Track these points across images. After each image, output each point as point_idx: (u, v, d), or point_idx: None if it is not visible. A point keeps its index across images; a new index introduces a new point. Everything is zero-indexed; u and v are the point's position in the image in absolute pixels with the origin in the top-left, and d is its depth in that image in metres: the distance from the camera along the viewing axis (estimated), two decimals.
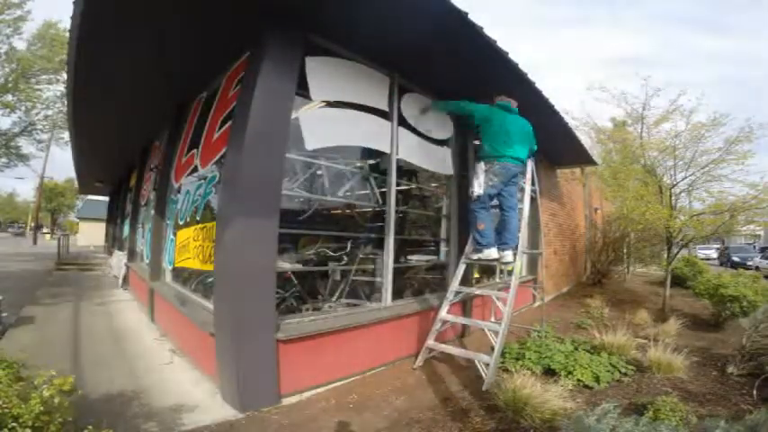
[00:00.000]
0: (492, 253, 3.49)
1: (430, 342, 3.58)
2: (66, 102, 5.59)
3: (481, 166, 3.54)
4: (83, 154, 8.65)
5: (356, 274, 4.24)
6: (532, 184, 4.20)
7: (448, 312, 3.68)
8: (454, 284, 3.75)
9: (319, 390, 2.96)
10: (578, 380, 3.16)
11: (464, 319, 4.05)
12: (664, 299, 6.36)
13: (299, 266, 3.99)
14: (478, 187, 3.47)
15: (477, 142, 5.05)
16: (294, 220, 3.14)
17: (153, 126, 6.02)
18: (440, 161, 4.49)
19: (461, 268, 3.81)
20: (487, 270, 5.31)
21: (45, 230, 34.91)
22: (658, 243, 8.00)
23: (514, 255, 3.63)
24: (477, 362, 3.23)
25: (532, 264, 6.75)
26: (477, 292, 4.13)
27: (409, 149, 4.05)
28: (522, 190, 4.05)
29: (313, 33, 3.10)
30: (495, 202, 3.70)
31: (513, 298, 3.47)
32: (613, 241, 9.26)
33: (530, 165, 4.13)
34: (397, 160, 3.93)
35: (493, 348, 3.21)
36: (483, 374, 3.06)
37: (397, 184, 3.99)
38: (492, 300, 4.16)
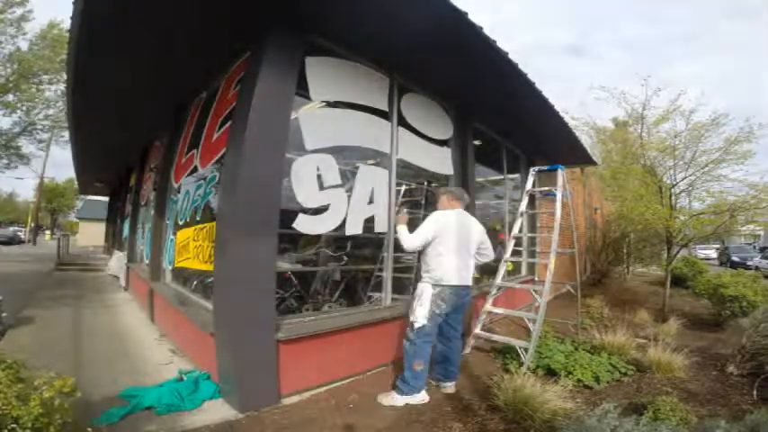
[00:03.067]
0: (425, 398, 2.83)
1: (477, 331, 4.06)
2: (66, 101, 5.59)
3: (427, 288, 2.89)
4: (83, 154, 8.66)
5: (356, 274, 4.24)
6: (563, 189, 4.57)
7: (492, 305, 4.28)
8: (497, 280, 4.36)
9: (319, 390, 2.96)
10: (578, 380, 3.16)
11: (505, 309, 4.43)
12: (663, 299, 6.36)
13: (299, 266, 3.99)
14: (423, 318, 2.82)
15: (477, 142, 5.05)
16: (294, 219, 3.14)
17: (153, 126, 6.03)
18: (440, 161, 4.49)
19: (503, 267, 4.41)
20: (488, 270, 5.31)
21: (47, 232, 34.54)
22: (658, 243, 7.99)
23: (539, 282, 3.74)
24: (517, 347, 3.65)
25: (530, 263, 6.76)
26: (517, 286, 4.92)
27: (409, 149, 4.06)
28: None
29: (313, 33, 3.10)
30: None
31: (548, 291, 3.99)
32: (613, 241, 9.26)
33: (560, 174, 4.56)
34: (398, 160, 3.94)
35: (530, 335, 3.74)
36: (522, 358, 3.51)
37: (398, 184, 3.99)
38: (511, 293, 5.07)
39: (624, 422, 1.77)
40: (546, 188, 5.20)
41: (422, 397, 2.83)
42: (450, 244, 2.93)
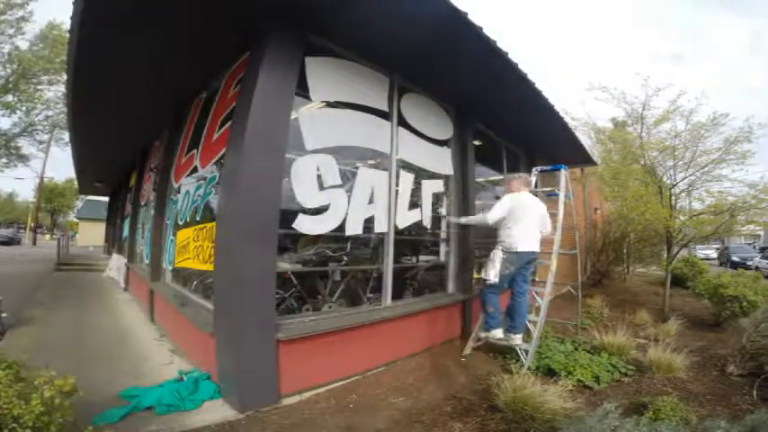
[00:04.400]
0: (497, 333, 3.67)
1: (477, 332, 4.03)
2: (66, 102, 5.59)
3: (498, 254, 3.65)
4: (83, 154, 8.65)
5: (356, 275, 4.24)
6: (566, 189, 4.56)
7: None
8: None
9: (319, 390, 2.96)
10: (578, 380, 3.16)
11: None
12: (664, 299, 6.36)
13: (298, 267, 3.99)
14: (494, 276, 3.58)
15: (477, 142, 5.04)
16: (294, 220, 3.14)
17: (153, 126, 6.02)
18: (440, 161, 4.49)
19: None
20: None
21: (47, 235, 34.28)
22: (658, 243, 7.99)
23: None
24: (517, 348, 3.68)
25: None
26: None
27: (409, 150, 4.06)
28: None
29: (313, 33, 3.10)
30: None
31: (549, 293, 3.99)
32: (613, 241, 9.25)
33: (563, 174, 4.54)
34: (398, 160, 3.94)
35: (531, 336, 3.75)
36: (523, 359, 3.56)
37: (397, 184, 3.99)
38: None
39: (625, 422, 1.77)
40: (549, 188, 5.15)
41: (497, 333, 3.65)
42: (518, 220, 3.62)
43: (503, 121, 5.45)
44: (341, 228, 3.37)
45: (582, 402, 2.78)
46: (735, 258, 17.11)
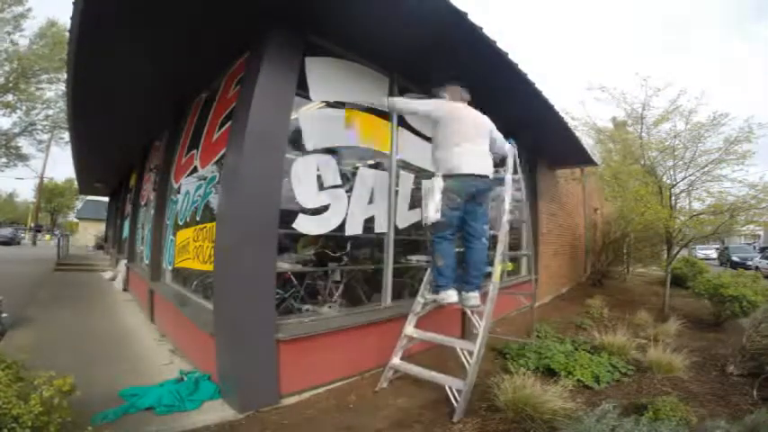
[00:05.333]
0: (450, 296, 2.86)
1: (395, 361, 3.07)
2: (66, 101, 5.59)
3: (437, 182, 2.78)
4: (83, 154, 8.65)
5: (356, 274, 4.23)
6: (515, 172, 3.51)
7: (415, 327, 3.18)
8: (422, 293, 3.22)
9: (319, 390, 2.96)
10: (578, 380, 3.16)
11: (433, 335, 3.13)
12: (664, 299, 6.36)
13: (298, 267, 3.98)
14: (434, 212, 2.71)
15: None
16: (294, 219, 3.15)
17: (153, 126, 6.03)
18: None
19: (427, 277, 3.29)
20: None
21: (47, 236, 34.09)
22: (658, 243, 8.00)
23: (481, 297, 2.93)
24: (447, 388, 2.67)
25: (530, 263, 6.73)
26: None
27: (409, 149, 4.06)
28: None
29: (313, 34, 3.10)
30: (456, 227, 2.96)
31: (491, 312, 2.88)
32: (613, 241, 9.26)
33: (510, 150, 3.53)
34: (398, 160, 3.94)
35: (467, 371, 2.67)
36: (454, 402, 2.58)
37: (397, 184, 3.99)
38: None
39: (624, 422, 1.77)
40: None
41: (449, 296, 2.84)
42: (458, 132, 2.82)
43: (503, 121, 5.42)
44: (341, 228, 3.38)
45: (582, 402, 2.78)
46: (735, 258, 17.10)
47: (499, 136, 3.21)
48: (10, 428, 1.50)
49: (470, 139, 2.87)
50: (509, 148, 3.50)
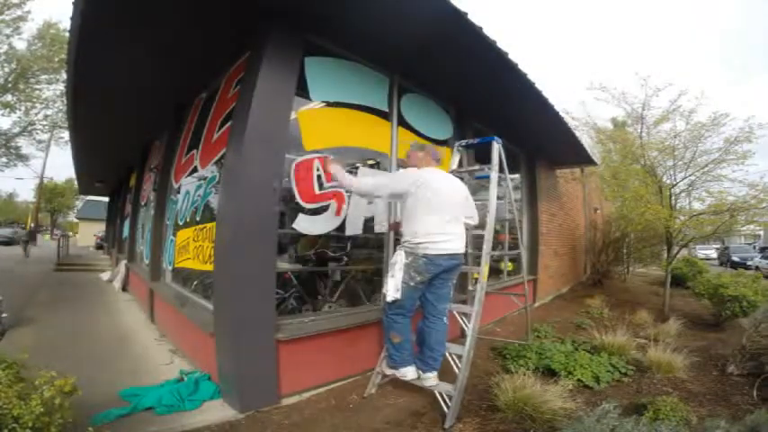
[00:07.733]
0: (409, 372, 2.68)
1: (382, 367, 2.93)
2: (65, 101, 5.59)
3: (400, 257, 2.57)
4: (83, 154, 8.66)
5: (356, 275, 4.23)
6: (501, 171, 3.23)
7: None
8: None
9: (319, 390, 2.96)
10: (578, 380, 3.16)
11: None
12: (664, 299, 6.37)
13: (298, 267, 3.99)
14: (394, 291, 2.53)
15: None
16: (294, 219, 3.16)
17: (153, 126, 6.02)
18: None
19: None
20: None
21: (47, 236, 34.02)
22: (658, 243, 8.00)
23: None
24: (437, 393, 2.62)
25: (531, 264, 6.74)
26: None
27: None
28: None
29: (312, 34, 3.10)
30: (417, 303, 2.76)
31: (479, 314, 2.74)
32: (613, 241, 9.26)
33: (496, 146, 3.20)
34: (398, 160, 3.94)
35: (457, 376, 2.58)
36: (444, 408, 2.50)
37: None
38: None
39: (624, 422, 1.78)
40: (476, 167, 3.88)
41: (406, 372, 2.67)
42: (426, 207, 2.54)
43: (503, 121, 5.44)
44: (341, 228, 3.37)
45: (582, 402, 2.78)
46: (735, 258, 17.12)
47: (472, 204, 2.93)
48: (10, 429, 1.50)
49: (444, 212, 2.60)
50: (495, 145, 3.23)
